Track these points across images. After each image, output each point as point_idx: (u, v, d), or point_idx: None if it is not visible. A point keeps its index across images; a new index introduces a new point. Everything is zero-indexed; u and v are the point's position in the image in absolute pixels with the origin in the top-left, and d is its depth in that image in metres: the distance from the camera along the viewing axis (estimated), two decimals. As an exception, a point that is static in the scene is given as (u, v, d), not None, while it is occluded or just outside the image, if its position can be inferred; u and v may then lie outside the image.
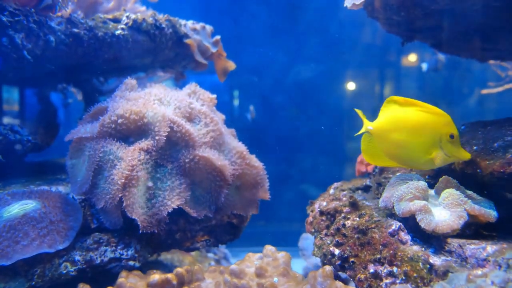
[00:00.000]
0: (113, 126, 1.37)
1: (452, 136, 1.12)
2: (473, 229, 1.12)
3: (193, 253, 2.38)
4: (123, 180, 1.27)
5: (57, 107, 2.08)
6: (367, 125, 1.27)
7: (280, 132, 3.94)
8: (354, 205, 1.27)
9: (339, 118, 4.00)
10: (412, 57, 3.79)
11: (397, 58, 3.86)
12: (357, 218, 1.22)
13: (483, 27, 1.43)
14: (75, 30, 1.47)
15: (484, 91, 2.88)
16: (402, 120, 1.19)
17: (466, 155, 1.13)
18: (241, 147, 1.57)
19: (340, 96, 4.04)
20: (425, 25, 1.46)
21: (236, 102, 4.04)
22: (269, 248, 1.29)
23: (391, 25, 1.53)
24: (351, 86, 3.96)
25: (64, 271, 1.29)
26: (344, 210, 1.28)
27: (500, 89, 2.77)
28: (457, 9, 1.31)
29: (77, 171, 1.39)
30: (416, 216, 1.08)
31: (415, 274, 1.02)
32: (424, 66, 3.30)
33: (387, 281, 1.06)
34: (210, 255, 2.55)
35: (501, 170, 1.05)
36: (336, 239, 1.22)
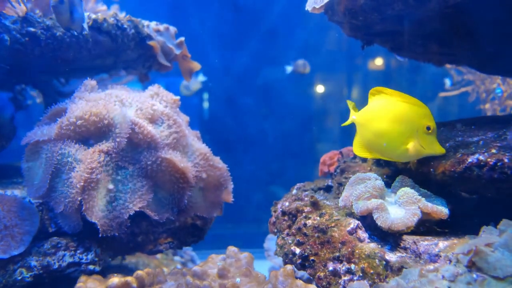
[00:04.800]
0: (72, 128, 1.34)
1: (428, 128, 1.12)
2: (427, 226, 1.16)
3: (159, 256, 2.35)
4: (82, 183, 1.24)
5: (15, 108, 2.01)
6: (352, 115, 1.27)
7: (248, 134, 3.96)
8: (315, 205, 1.29)
9: (306, 120, 4.06)
10: (378, 61, 3.90)
11: (364, 62, 3.95)
12: (318, 218, 1.24)
13: (437, 32, 1.49)
14: (31, 29, 1.42)
15: (442, 94, 2.99)
16: (383, 109, 1.19)
17: (440, 149, 1.12)
18: (204, 148, 1.57)
19: (308, 99, 4.10)
20: (383, 29, 1.50)
21: (205, 104, 4.02)
22: (232, 249, 1.29)
23: (351, 29, 1.56)
24: (318, 88, 4.03)
25: (19, 277, 1.24)
26: (305, 210, 1.30)
27: (456, 92, 2.89)
28: (412, 15, 1.36)
29: (33, 174, 1.35)
30: (373, 214, 1.11)
31: (371, 271, 1.05)
32: (448, 82, 3.10)
33: (345, 278, 1.08)
34: (177, 258, 2.52)
35: (452, 169, 1.10)
36: (297, 238, 1.23)
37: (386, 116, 1.18)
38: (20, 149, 1.45)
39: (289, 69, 3.46)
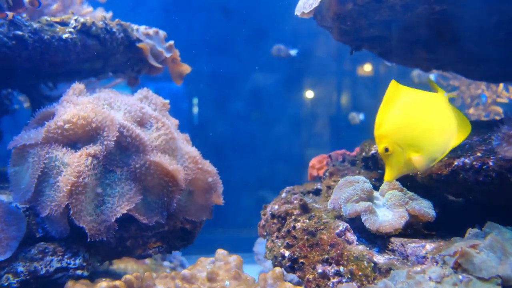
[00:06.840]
0: (60, 131, 1.32)
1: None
2: (414, 228, 1.18)
3: (148, 261, 2.33)
4: (69, 187, 1.23)
5: (1, 113, 1.99)
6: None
7: (238, 139, 3.96)
8: (304, 208, 1.30)
9: (296, 125, 4.08)
10: (367, 67, 3.94)
11: (353, 67, 3.99)
12: (307, 220, 1.25)
13: (424, 38, 1.52)
14: (19, 32, 1.41)
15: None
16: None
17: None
18: (194, 152, 1.57)
19: (297, 103, 4.12)
20: (371, 34, 1.53)
21: (194, 109, 4.02)
22: (221, 252, 1.29)
23: (340, 34, 1.58)
24: (308, 94, 4.06)
25: (6, 284, 1.22)
26: (295, 213, 1.31)
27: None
28: (399, 21, 1.38)
29: (20, 178, 1.33)
30: (361, 217, 1.12)
31: (360, 273, 1.06)
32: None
33: (334, 280, 1.09)
34: (166, 263, 2.50)
35: (439, 172, 1.11)
36: (287, 241, 1.24)
37: None
38: (7, 154, 1.43)
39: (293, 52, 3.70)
